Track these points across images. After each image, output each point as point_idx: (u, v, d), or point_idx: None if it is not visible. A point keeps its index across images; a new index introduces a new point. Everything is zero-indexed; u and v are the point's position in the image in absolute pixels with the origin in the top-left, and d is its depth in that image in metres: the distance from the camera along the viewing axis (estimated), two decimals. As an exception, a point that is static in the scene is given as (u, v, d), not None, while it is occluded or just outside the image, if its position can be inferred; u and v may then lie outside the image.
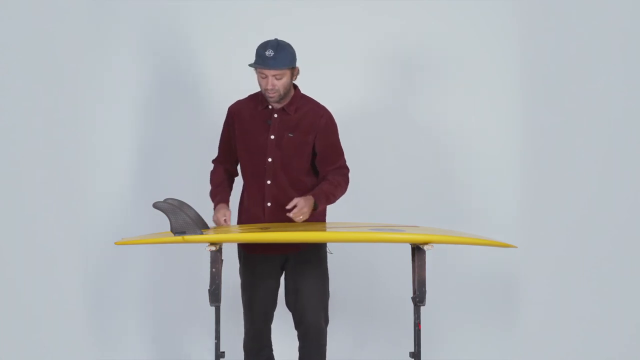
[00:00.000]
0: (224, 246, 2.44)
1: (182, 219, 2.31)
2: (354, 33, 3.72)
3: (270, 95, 2.68)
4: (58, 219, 3.62)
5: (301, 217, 2.63)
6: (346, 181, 2.83)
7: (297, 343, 2.88)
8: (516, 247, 2.46)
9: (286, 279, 2.85)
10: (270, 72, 2.64)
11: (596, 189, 3.62)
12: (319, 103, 2.84)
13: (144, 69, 3.71)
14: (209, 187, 2.90)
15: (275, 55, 2.63)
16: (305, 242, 2.59)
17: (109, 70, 3.67)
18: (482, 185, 3.77)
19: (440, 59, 3.78)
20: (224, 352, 2.43)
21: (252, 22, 3.72)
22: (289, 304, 2.85)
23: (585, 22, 3.55)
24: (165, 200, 2.38)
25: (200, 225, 2.43)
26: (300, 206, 2.63)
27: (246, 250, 2.84)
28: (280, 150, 2.75)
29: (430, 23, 3.77)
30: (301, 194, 2.74)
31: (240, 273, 2.89)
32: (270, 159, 2.75)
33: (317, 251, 2.81)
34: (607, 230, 3.49)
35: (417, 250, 2.39)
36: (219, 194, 2.84)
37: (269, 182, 2.75)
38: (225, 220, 2.72)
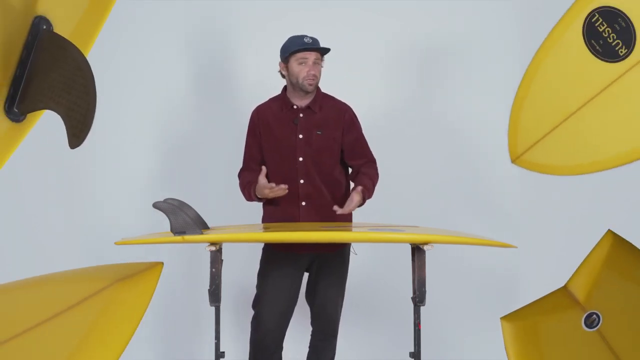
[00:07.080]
0: (224, 246, 2.44)
1: (182, 219, 2.30)
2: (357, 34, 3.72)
3: (309, 81, 2.69)
4: (58, 219, 3.62)
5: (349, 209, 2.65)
6: (378, 174, 2.88)
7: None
8: (516, 247, 2.45)
9: (310, 274, 2.86)
10: (312, 56, 2.67)
11: (596, 188, 3.61)
12: (339, 99, 2.86)
13: (144, 69, 3.71)
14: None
15: (315, 41, 2.69)
16: (306, 242, 2.58)
17: (108, 70, 3.67)
18: (481, 185, 3.77)
19: (435, 56, 3.78)
20: (224, 352, 2.42)
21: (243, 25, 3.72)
22: (308, 297, 2.88)
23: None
24: (165, 200, 2.38)
25: (200, 225, 2.42)
26: (356, 201, 2.66)
27: (276, 249, 2.80)
28: (311, 148, 2.76)
29: (430, 23, 3.77)
30: (334, 190, 2.78)
31: (262, 271, 2.85)
32: (301, 158, 2.75)
33: (342, 251, 2.85)
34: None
35: (417, 250, 2.39)
36: (252, 182, 2.78)
37: (302, 181, 2.76)
38: (272, 187, 2.64)
